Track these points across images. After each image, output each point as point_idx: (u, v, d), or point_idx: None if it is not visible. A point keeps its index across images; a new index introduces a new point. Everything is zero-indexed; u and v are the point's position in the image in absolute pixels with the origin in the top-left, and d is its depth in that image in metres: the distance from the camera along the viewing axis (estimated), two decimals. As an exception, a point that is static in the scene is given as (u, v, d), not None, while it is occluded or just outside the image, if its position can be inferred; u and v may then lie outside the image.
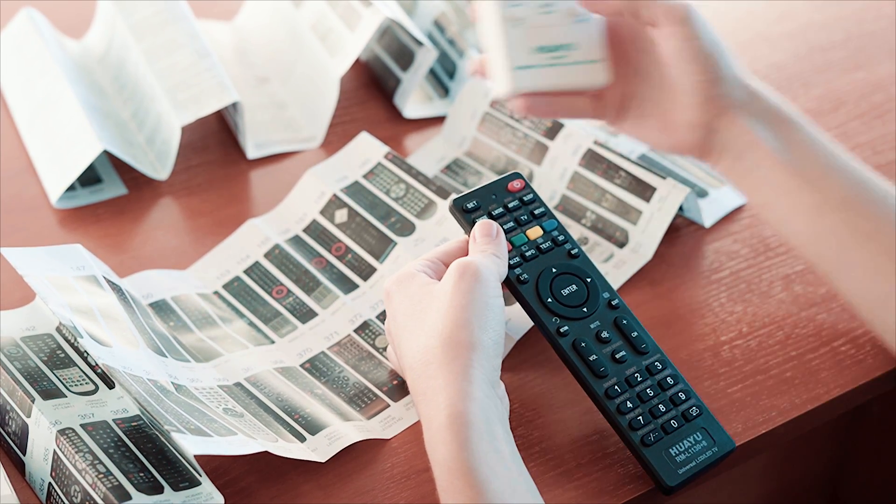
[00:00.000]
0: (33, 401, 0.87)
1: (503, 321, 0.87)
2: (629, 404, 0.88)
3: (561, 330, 0.90)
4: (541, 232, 0.94)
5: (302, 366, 0.98)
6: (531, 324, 0.96)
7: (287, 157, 1.18)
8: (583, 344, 0.90)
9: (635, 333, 0.91)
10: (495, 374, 0.85)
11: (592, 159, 1.09)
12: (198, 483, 0.84)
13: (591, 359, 0.89)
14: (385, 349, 0.98)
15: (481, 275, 0.87)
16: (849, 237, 0.94)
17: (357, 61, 1.25)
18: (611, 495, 0.89)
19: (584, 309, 0.91)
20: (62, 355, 0.92)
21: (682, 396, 0.90)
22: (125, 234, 1.09)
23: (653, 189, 1.06)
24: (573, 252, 0.93)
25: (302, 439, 0.91)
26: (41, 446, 0.86)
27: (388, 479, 0.90)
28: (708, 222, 1.10)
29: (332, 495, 0.88)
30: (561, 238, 0.94)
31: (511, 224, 0.93)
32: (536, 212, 0.95)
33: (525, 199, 0.95)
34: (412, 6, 1.26)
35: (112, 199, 1.13)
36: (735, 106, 0.96)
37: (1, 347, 0.91)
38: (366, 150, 1.11)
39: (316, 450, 0.90)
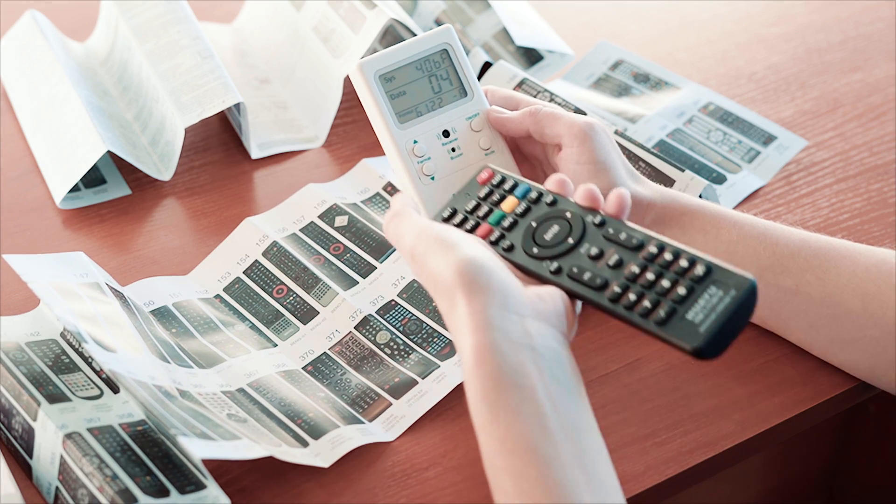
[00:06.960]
0: (39, 405, 0.88)
1: (467, 240, 0.86)
2: (632, 297, 0.85)
3: (552, 270, 0.88)
4: (516, 201, 0.92)
5: (304, 368, 0.98)
6: None
7: (290, 158, 1.18)
8: (575, 269, 0.87)
9: (623, 234, 0.87)
10: (516, 307, 0.83)
11: None
12: (203, 486, 0.84)
13: (585, 278, 0.87)
14: (385, 345, 0.99)
15: (396, 211, 0.89)
16: (776, 298, 0.96)
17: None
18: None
19: (570, 241, 0.89)
20: (67, 360, 0.92)
21: (685, 264, 0.85)
22: (129, 235, 1.10)
23: (671, 181, 1.06)
24: (549, 202, 0.91)
25: (305, 444, 0.91)
26: (48, 450, 0.87)
27: (389, 477, 0.90)
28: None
29: (333, 494, 0.89)
30: (535, 195, 0.91)
31: (487, 208, 0.92)
32: (507, 187, 0.93)
33: (495, 182, 0.93)
34: (412, 6, 1.26)
35: (116, 200, 1.13)
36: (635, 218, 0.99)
37: (6, 352, 0.91)
38: (365, 178, 1.12)
39: (319, 454, 0.90)
